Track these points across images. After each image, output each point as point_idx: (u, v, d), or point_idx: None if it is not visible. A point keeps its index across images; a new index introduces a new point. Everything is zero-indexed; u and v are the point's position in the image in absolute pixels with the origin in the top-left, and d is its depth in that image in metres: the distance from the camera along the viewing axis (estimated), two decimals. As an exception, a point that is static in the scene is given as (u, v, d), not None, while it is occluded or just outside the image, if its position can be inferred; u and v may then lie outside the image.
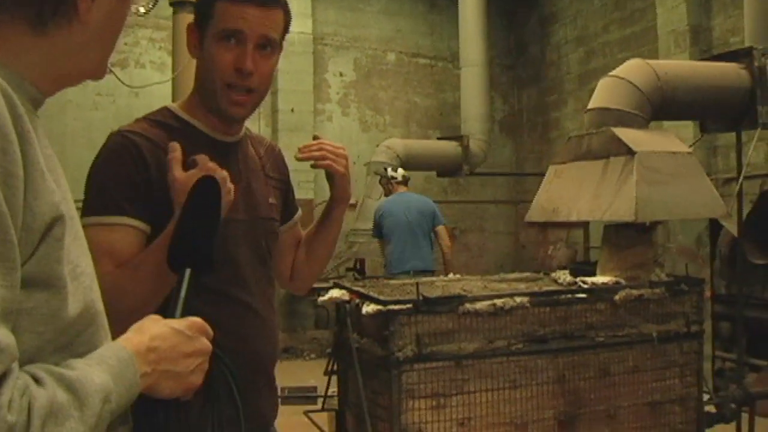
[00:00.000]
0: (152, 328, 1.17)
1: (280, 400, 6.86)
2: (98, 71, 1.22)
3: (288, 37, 1.99)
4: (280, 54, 1.97)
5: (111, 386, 1.02)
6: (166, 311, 1.28)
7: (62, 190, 1.05)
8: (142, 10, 1.29)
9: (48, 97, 1.16)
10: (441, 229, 7.57)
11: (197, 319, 1.24)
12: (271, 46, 1.89)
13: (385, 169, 7.95)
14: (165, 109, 1.94)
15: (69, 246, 1.03)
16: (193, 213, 1.39)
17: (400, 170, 7.84)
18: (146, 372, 1.11)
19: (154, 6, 1.29)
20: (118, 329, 1.17)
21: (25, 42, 1.07)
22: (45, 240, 0.98)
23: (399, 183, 7.70)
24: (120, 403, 1.05)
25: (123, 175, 1.75)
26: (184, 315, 1.27)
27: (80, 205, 1.69)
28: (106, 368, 1.03)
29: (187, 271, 1.33)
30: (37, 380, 0.94)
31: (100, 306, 1.12)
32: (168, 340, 1.16)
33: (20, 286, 0.94)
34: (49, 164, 1.03)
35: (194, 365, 1.19)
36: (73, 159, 9.35)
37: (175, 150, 1.75)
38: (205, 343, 1.23)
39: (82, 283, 1.06)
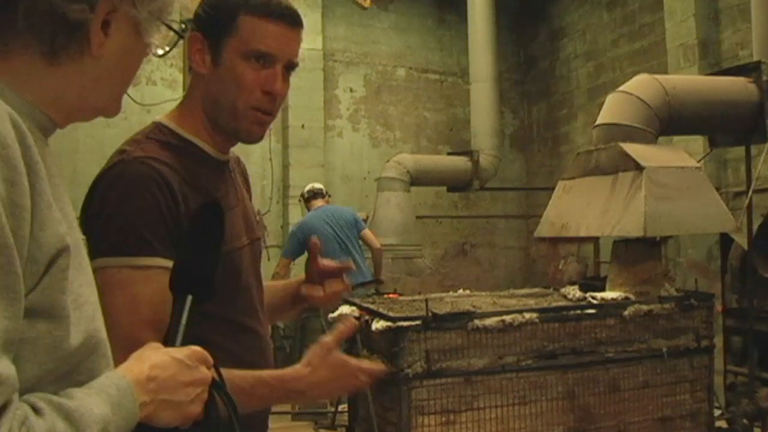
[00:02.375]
0: (152, 357, 1.16)
1: (291, 416, 6.87)
2: (110, 108, 1.22)
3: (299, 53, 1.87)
4: None
5: (110, 416, 1.02)
6: (167, 339, 1.26)
7: (68, 220, 1.05)
8: (160, 52, 1.28)
9: (59, 128, 1.16)
10: (366, 232, 7.43)
11: (197, 348, 1.22)
12: (294, 68, 1.79)
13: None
14: (163, 127, 1.76)
15: (72, 276, 1.03)
16: (195, 239, 1.36)
17: (309, 185, 7.70)
18: (145, 401, 1.10)
19: (172, 48, 1.28)
20: None
21: (38, 71, 1.08)
22: (49, 271, 0.98)
23: (311, 198, 7.53)
24: None
25: (152, 210, 1.59)
26: (184, 343, 1.26)
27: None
28: (105, 398, 1.03)
29: (189, 298, 1.31)
30: (36, 410, 0.94)
31: (102, 335, 1.12)
32: (167, 369, 1.15)
33: (23, 316, 0.94)
34: (56, 193, 1.03)
35: (193, 395, 1.18)
36: (85, 176, 9.36)
37: (349, 325, 1.72)
38: (205, 373, 1.21)
39: (84, 313, 1.06)
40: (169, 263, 1.55)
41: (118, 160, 1.65)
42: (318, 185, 7.79)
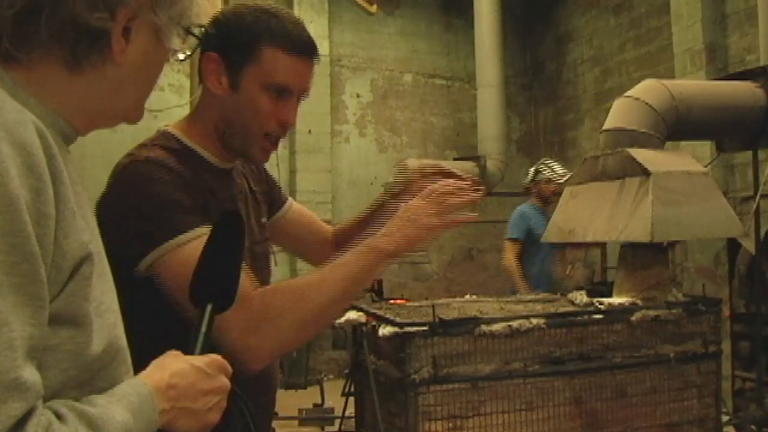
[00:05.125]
0: (172, 365, 1.17)
1: (298, 421, 6.85)
2: (133, 114, 1.23)
3: None
4: None
5: (131, 424, 1.03)
6: (186, 347, 1.26)
7: (90, 227, 1.07)
8: (181, 56, 1.29)
9: (81, 135, 1.17)
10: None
11: (217, 357, 1.23)
12: (306, 96, 1.83)
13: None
14: (168, 135, 1.82)
15: (95, 283, 1.04)
16: (216, 248, 1.36)
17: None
18: (165, 408, 1.11)
19: (193, 53, 1.29)
20: None
21: (60, 80, 1.09)
22: (73, 278, 0.99)
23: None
24: None
25: (172, 189, 1.63)
26: (203, 351, 1.26)
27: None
28: (126, 405, 1.04)
29: (209, 307, 1.31)
30: (59, 417, 0.95)
31: (123, 342, 1.13)
32: (187, 377, 1.16)
33: (47, 323, 0.95)
34: (79, 201, 1.05)
35: (212, 403, 1.19)
36: (92, 181, 9.37)
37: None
38: (224, 381, 1.22)
39: (106, 320, 1.07)
40: (208, 228, 1.50)
41: (129, 161, 1.69)
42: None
